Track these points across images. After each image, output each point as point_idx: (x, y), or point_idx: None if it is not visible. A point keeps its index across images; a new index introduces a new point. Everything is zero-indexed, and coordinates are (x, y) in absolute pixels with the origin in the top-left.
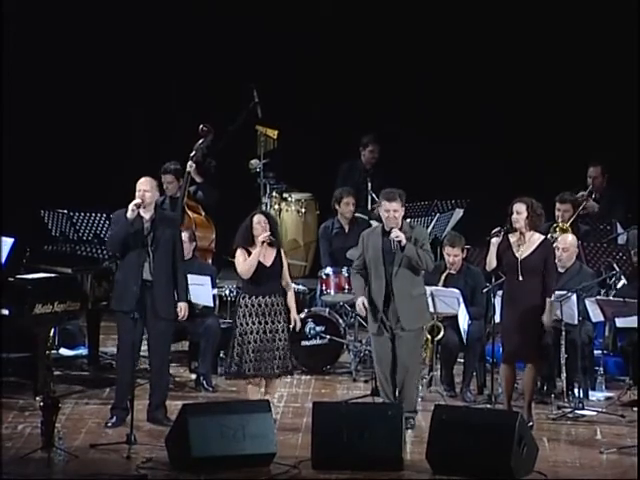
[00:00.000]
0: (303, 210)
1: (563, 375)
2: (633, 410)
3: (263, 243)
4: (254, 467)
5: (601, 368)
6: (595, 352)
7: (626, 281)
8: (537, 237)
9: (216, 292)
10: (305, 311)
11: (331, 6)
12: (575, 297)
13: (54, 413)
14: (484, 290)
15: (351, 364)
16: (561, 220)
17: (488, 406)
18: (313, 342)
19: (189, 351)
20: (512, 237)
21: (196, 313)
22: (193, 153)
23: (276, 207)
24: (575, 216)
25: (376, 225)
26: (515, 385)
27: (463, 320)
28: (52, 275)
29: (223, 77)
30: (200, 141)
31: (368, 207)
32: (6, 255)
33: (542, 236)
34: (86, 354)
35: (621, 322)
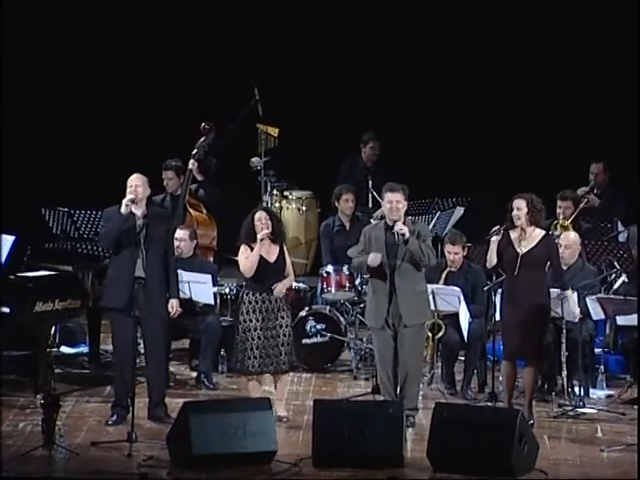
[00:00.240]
0: (304, 208)
1: (564, 373)
2: (634, 408)
3: (262, 240)
4: (255, 465)
5: (602, 366)
6: (596, 350)
7: (627, 279)
8: (538, 232)
9: (217, 290)
10: (306, 309)
11: (331, 6)
12: (576, 295)
13: (55, 411)
14: (485, 288)
15: (352, 362)
16: (562, 217)
17: (489, 404)
18: (314, 340)
19: (190, 349)
20: (513, 233)
21: (197, 311)
22: (195, 151)
23: (277, 205)
24: (576, 213)
25: (378, 221)
26: (516, 383)
27: (464, 318)
28: (53, 273)
29: (223, 77)
30: (202, 139)
31: (369, 205)
32: (7, 253)
33: (543, 231)
34: (87, 352)
35: (622, 320)
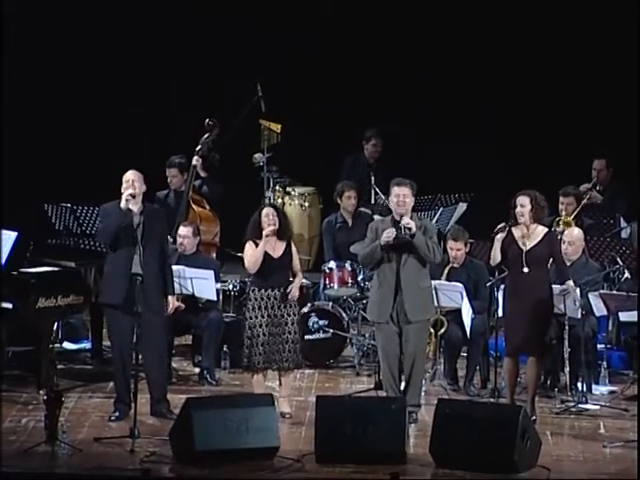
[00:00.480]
0: (306, 204)
1: (566, 369)
2: (636, 404)
3: (267, 237)
4: (257, 461)
5: (604, 362)
6: (599, 346)
7: (630, 275)
8: (541, 229)
9: (220, 286)
10: (308, 305)
11: (331, 6)
12: (578, 291)
13: (58, 407)
14: (487, 284)
15: (354, 358)
16: (565, 213)
17: (491, 400)
18: (316, 336)
19: (192, 345)
20: (516, 231)
21: (200, 307)
22: (199, 147)
23: (279, 201)
24: (579, 209)
25: (383, 217)
26: (518, 379)
27: (466, 314)
28: (56, 269)
29: (223, 77)
30: (206, 135)
31: (371, 201)
32: (10, 249)
33: (546, 228)
34: (89, 348)
35: (624, 316)
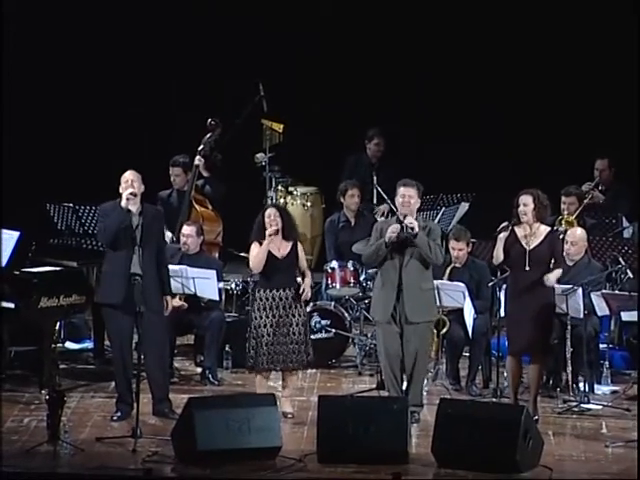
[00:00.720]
0: (309, 204)
1: (569, 369)
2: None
3: (270, 237)
4: (259, 460)
5: (607, 362)
6: (601, 346)
7: (632, 275)
8: (544, 228)
9: (222, 286)
10: (311, 305)
11: (331, 6)
12: (581, 291)
13: (60, 406)
14: (489, 284)
15: (357, 358)
16: (567, 213)
17: (494, 400)
18: (318, 336)
19: (195, 345)
20: (519, 230)
21: (202, 306)
22: (201, 147)
23: (282, 201)
24: (581, 209)
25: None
26: (521, 379)
27: (468, 314)
28: (58, 269)
29: (223, 77)
30: (208, 135)
31: (374, 201)
32: (12, 249)
33: (548, 227)
34: (92, 348)
35: (626, 316)
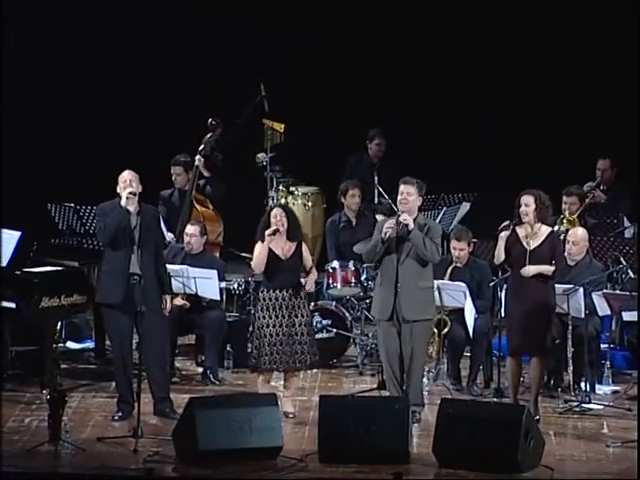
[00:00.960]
0: (310, 204)
1: (570, 369)
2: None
3: (270, 236)
4: (261, 460)
5: (608, 362)
6: (602, 346)
7: (633, 274)
8: (545, 229)
9: (224, 285)
10: (312, 305)
11: (331, 6)
12: (582, 291)
13: (61, 406)
14: (491, 284)
15: (358, 358)
16: (568, 213)
17: (495, 400)
18: (320, 336)
19: (196, 344)
20: (520, 230)
21: (203, 306)
22: (202, 147)
23: (283, 201)
24: (582, 209)
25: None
26: (522, 379)
27: (469, 314)
28: (59, 268)
29: (223, 77)
30: (209, 135)
31: (375, 200)
32: (13, 248)
33: (549, 228)
34: (93, 347)
35: (628, 316)
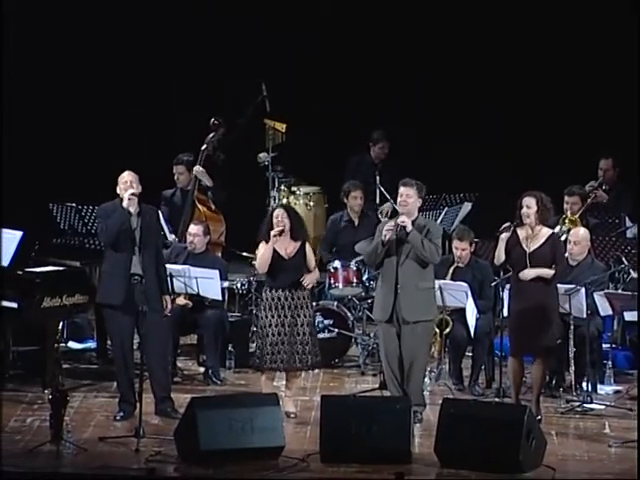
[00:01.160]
0: (311, 203)
1: (572, 369)
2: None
3: (274, 237)
4: (262, 460)
5: (609, 362)
6: (604, 346)
7: (635, 274)
8: (546, 231)
9: (227, 285)
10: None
11: (331, 6)
12: (584, 291)
13: (63, 406)
14: (492, 284)
15: (359, 358)
16: (569, 213)
17: (496, 400)
18: (321, 336)
19: (198, 344)
20: (521, 232)
21: (205, 306)
22: (204, 147)
23: (284, 200)
24: (584, 209)
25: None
26: (524, 379)
27: (471, 313)
28: (61, 268)
29: (223, 77)
30: (211, 135)
31: (377, 201)
32: (15, 248)
33: (550, 230)
34: (95, 347)
35: (629, 316)
